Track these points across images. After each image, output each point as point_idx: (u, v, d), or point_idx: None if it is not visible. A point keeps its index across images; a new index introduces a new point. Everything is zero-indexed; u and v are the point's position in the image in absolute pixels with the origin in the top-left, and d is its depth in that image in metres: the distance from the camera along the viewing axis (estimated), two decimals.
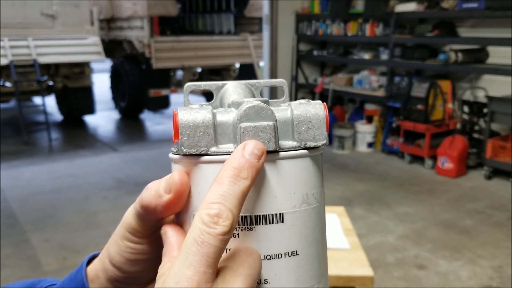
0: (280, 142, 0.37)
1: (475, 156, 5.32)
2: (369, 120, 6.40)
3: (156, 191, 0.37)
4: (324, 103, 0.40)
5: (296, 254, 0.37)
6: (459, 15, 5.47)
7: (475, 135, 5.50)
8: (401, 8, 5.81)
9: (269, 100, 0.43)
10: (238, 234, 0.36)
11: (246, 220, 0.36)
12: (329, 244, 1.91)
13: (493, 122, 5.10)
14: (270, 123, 0.36)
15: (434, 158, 5.38)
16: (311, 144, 0.38)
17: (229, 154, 0.35)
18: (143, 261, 0.42)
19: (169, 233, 0.37)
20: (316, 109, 0.38)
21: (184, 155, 0.37)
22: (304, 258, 0.37)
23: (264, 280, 0.36)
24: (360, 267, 1.79)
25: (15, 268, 3.25)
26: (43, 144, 6.88)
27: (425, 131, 5.39)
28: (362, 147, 6.24)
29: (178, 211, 0.38)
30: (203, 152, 0.36)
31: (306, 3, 7.15)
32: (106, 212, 4.21)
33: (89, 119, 8.56)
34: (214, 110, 0.38)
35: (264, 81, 0.45)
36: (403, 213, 4.17)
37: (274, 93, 6.67)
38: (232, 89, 0.42)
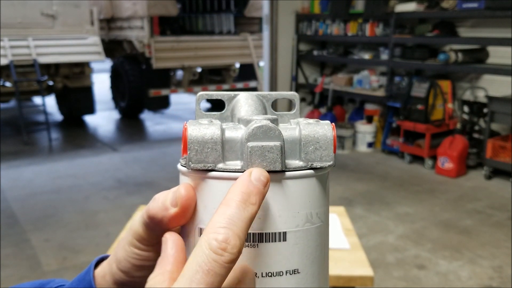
0: (286, 161, 0.37)
1: (475, 156, 5.32)
2: (369, 120, 6.40)
3: (163, 203, 0.38)
4: (333, 124, 0.40)
5: (298, 272, 0.37)
6: (459, 15, 5.47)
7: (475, 135, 5.50)
8: (401, 8, 5.81)
9: (279, 113, 0.44)
10: None
11: (250, 237, 0.36)
12: (329, 244, 1.91)
13: (493, 122, 5.10)
14: (277, 143, 0.36)
15: (434, 158, 5.38)
16: (317, 164, 0.38)
17: (236, 172, 0.36)
18: (149, 267, 0.42)
19: (169, 244, 0.36)
20: (324, 130, 0.39)
21: (192, 169, 0.37)
22: (305, 276, 0.37)
23: None
24: (360, 267, 1.79)
25: (15, 268, 3.25)
26: (43, 144, 6.88)
27: (425, 131, 5.39)
28: (362, 147, 6.24)
29: (184, 223, 0.38)
30: (210, 168, 0.37)
31: (306, 3, 7.15)
32: (106, 212, 4.21)
33: (89, 119, 8.56)
34: (223, 126, 0.38)
35: (276, 93, 0.45)
36: (403, 213, 4.17)
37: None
38: (243, 100, 0.43)
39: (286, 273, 0.37)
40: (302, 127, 0.39)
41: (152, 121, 8.64)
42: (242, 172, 0.36)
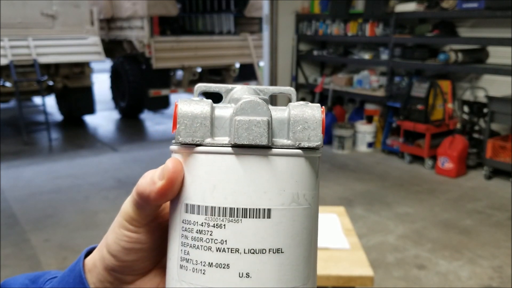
0: (274, 139, 0.38)
1: (475, 156, 5.32)
2: (369, 120, 6.40)
3: (151, 178, 0.38)
4: (323, 106, 0.40)
5: (281, 252, 0.37)
6: (459, 15, 5.47)
7: (475, 135, 5.50)
8: (401, 8, 5.81)
9: (276, 107, 0.44)
10: (224, 225, 0.36)
11: (234, 212, 0.36)
12: (329, 244, 1.91)
13: (493, 122, 5.10)
14: (265, 118, 0.37)
15: (434, 158, 5.38)
16: (305, 144, 0.38)
17: (223, 146, 0.37)
18: (139, 250, 0.42)
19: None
20: (313, 110, 0.39)
21: (180, 144, 0.38)
22: (289, 257, 0.37)
23: (246, 274, 0.36)
24: (360, 267, 1.79)
25: (15, 268, 3.25)
26: (43, 144, 6.88)
27: (425, 131, 5.39)
28: (362, 147, 6.24)
29: (172, 198, 0.39)
30: (198, 142, 0.37)
31: (306, 3, 7.15)
32: (106, 212, 4.21)
33: (89, 119, 8.56)
34: (214, 105, 0.39)
35: (273, 87, 0.46)
36: (403, 213, 4.17)
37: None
38: (240, 92, 0.43)
39: (269, 251, 0.36)
40: (291, 108, 0.39)
41: (152, 121, 8.64)
42: (229, 147, 0.36)
